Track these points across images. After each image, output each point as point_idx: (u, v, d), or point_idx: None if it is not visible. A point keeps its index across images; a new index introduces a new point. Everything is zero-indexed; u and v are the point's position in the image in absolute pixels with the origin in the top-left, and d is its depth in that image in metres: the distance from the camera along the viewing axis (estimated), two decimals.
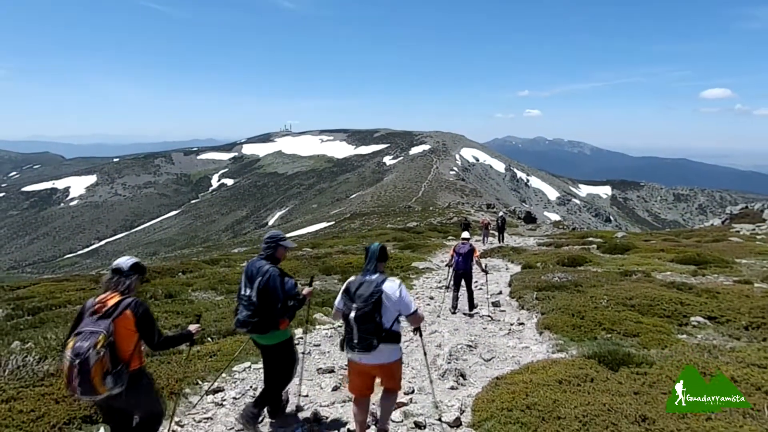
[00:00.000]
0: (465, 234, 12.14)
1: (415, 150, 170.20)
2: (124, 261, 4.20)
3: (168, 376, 6.55)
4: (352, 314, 4.52)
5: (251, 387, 6.72)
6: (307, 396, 6.51)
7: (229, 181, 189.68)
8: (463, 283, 11.75)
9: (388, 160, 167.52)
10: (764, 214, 39.25)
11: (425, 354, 5.91)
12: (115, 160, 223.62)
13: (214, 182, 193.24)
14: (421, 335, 5.42)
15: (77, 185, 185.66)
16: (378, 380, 4.91)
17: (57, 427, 5.13)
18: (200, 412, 6.00)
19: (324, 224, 78.07)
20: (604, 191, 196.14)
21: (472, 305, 11.61)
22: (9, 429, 4.93)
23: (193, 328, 4.68)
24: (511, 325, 10.13)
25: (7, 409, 5.29)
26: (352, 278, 4.89)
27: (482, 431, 5.21)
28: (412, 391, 6.64)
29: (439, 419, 5.66)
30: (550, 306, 10.50)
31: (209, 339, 8.74)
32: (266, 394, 5.45)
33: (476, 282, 13.17)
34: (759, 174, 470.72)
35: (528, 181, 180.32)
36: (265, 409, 5.59)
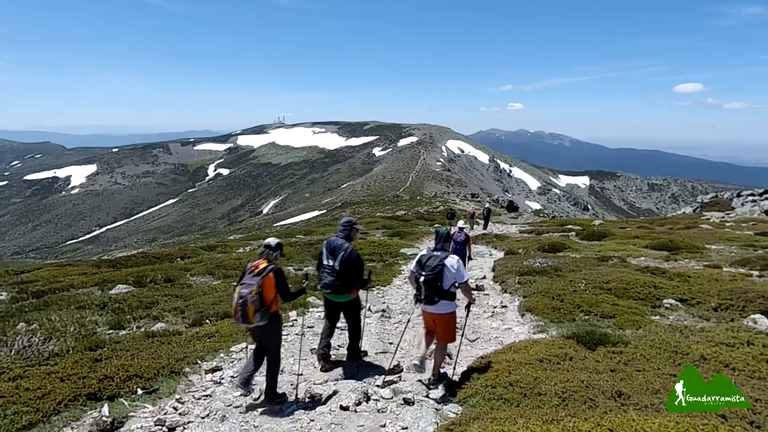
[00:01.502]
0: (461, 223, 12.69)
1: (403, 142, 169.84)
2: (272, 240, 5.80)
3: (169, 356, 6.56)
4: (422, 278, 5.86)
5: None
6: (301, 375, 6.53)
7: (225, 171, 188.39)
8: None
9: (377, 151, 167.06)
10: (733, 203, 39.62)
11: (465, 320, 6.62)
12: (114, 150, 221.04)
13: (211, 172, 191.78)
14: (468, 312, 6.42)
15: (78, 174, 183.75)
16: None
17: (62, 404, 5.12)
18: (200, 390, 6.02)
19: (316, 212, 77.85)
20: (583, 181, 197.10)
21: None
22: (16, 406, 4.91)
23: (305, 285, 6.29)
24: (495, 307, 10.19)
25: (14, 386, 5.28)
26: (423, 252, 6.17)
27: (467, 407, 5.25)
28: (401, 370, 6.68)
29: (427, 396, 5.71)
30: (532, 290, 10.57)
31: (208, 321, 8.73)
32: (352, 344, 6.96)
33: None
34: (728, 165, 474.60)
35: (511, 171, 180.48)
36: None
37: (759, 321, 7.61)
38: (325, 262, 6.57)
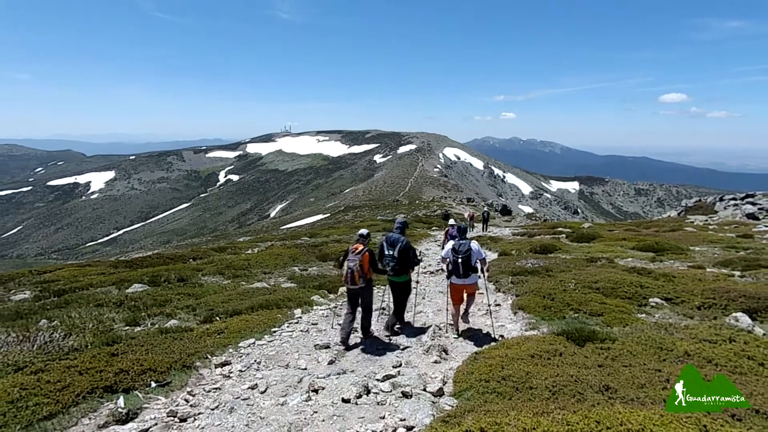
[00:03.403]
0: (451, 221, 12.95)
1: (402, 149, 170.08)
2: (363, 231, 7.93)
3: (181, 351, 6.56)
4: (459, 260, 7.65)
5: (255, 361, 6.73)
6: (305, 369, 6.53)
7: (235, 177, 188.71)
8: None
9: (378, 158, 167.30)
10: (716, 207, 39.51)
11: (486, 287, 9.03)
12: (131, 157, 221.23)
13: (221, 178, 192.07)
14: (484, 276, 8.36)
15: (97, 180, 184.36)
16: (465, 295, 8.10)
17: (81, 396, 5.13)
18: (209, 383, 6.01)
19: (320, 216, 77.78)
20: (573, 186, 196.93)
21: None
22: (37, 397, 4.93)
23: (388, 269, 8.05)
24: (489, 306, 10.16)
25: (35, 379, 5.28)
26: (453, 242, 7.96)
27: (462, 400, 5.24)
28: (400, 365, 6.66)
29: (424, 389, 5.70)
30: (524, 289, 10.55)
31: (218, 318, 8.73)
32: (397, 313, 8.38)
33: None
34: (712, 171, 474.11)
35: (504, 177, 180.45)
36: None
37: (740, 319, 7.57)
38: (386, 252, 8.04)
